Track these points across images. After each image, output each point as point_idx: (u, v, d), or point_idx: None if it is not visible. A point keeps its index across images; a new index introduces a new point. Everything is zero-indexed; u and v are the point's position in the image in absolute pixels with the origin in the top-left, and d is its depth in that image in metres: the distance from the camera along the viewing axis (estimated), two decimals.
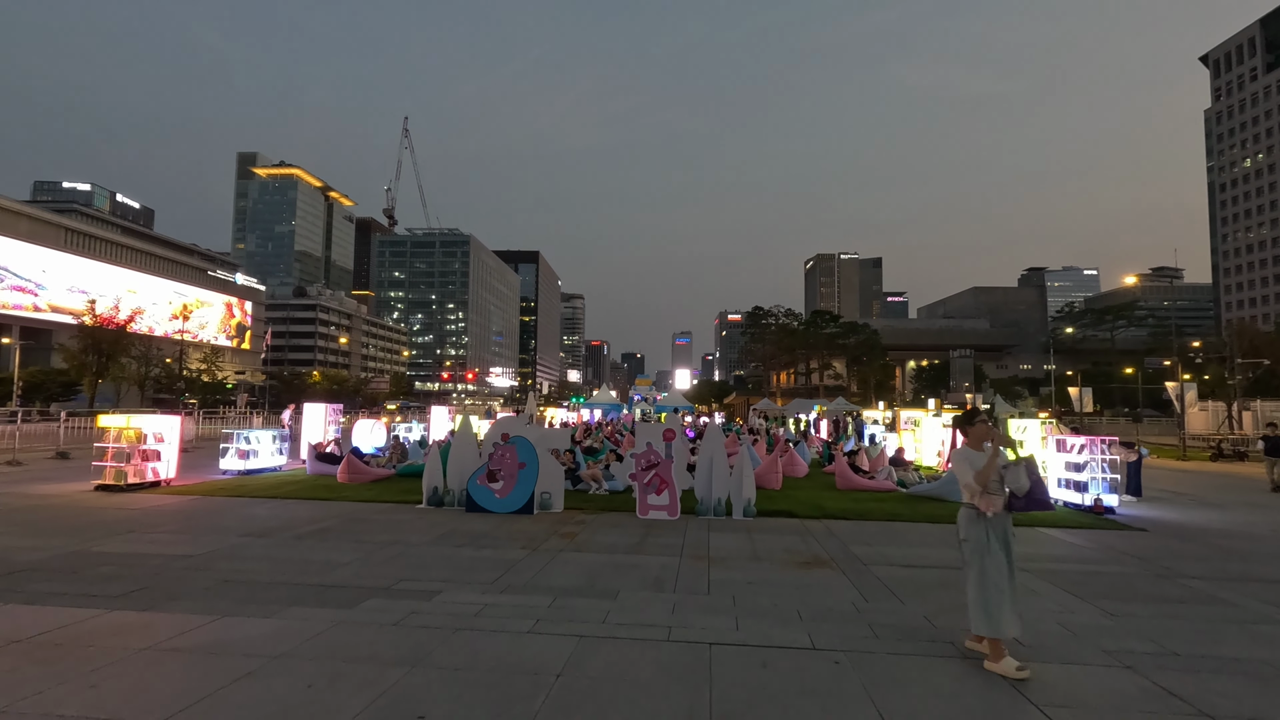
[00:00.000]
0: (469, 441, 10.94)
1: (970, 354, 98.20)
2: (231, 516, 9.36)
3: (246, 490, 11.88)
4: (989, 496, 4.33)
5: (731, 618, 5.22)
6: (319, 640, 4.54)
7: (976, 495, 4.37)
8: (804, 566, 7.03)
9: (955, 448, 12.44)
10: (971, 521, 4.43)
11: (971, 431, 4.61)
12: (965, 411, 4.86)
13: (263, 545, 7.51)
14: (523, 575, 6.41)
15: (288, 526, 8.67)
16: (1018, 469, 4.33)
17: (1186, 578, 6.85)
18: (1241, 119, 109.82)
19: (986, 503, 4.34)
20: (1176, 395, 31.25)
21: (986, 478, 4.31)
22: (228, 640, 4.50)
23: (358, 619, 5.01)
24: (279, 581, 5.99)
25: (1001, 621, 4.20)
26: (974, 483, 4.34)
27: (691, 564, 7.03)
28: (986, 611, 4.25)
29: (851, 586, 6.25)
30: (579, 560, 7.09)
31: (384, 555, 7.13)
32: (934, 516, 10.34)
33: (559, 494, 10.50)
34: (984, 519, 4.36)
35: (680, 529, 9.04)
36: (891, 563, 7.25)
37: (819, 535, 8.78)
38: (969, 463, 4.42)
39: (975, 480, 4.34)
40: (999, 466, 4.32)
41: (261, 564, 6.63)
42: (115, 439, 11.83)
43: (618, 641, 4.64)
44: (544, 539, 8.15)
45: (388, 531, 8.49)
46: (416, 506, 10.49)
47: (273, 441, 15.43)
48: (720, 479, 10.28)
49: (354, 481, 13.11)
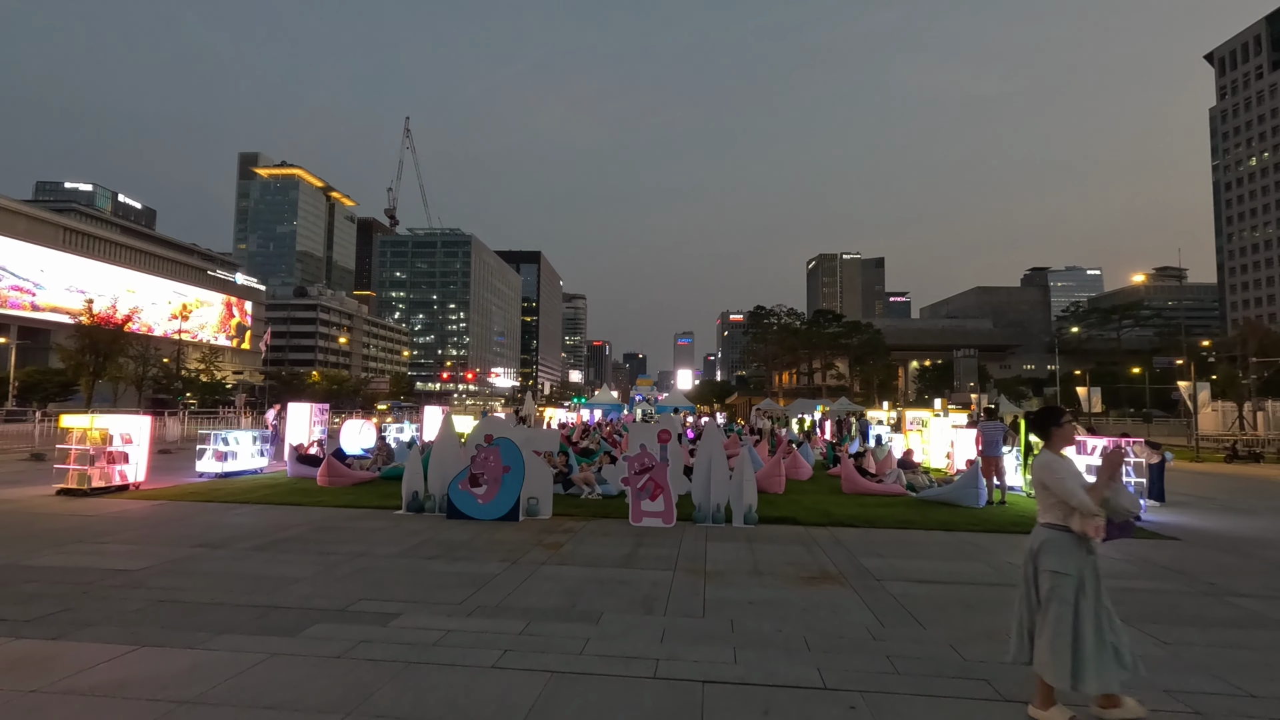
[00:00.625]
0: (451, 443, 10.27)
1: (974, 354, 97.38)
2: (193, 524, 8.71)
3: (218, 495, 11.23)
4: (1091, 520, 3.41)
5: (729, 647, 4.54)
6: (243, 679, 3.87)
7: (1078, 517, 3.45)
8: (810, 582, 6.35)
9: (980, 448, 11.91)
10: (1068, 550, 3.47)
11: (1057, 434, 3.68)
12: (1046, 409, 3.83)
13: (215, 558, 6.84)
14: (496, 594, 5.73)
15: (249, 535, 8.01)
16: (1120, 485, 3.48)
17: (1236, 596, 6.15)
18: (1247, 117, 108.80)
19: (1092, 526, 3.41)
20: (1189, 395, 30.48)
21: (1102, 495, 3.38)
22: (134, 679, 3.83)
23: (296, 649, 4.34)
24: (219, 602, 5.32)
25: (1087, 675, 3.33)
26: (1089, 501, 3.37)
27: (686, 580, 6.35)
28: (1077, 662, 3.34)
29: (864, 607, 5.56)
30: (561, 575, 6.41)
31: (346, 569, 6.46)
32: (948, 524, 9.66)
33: (547, 499, 9.83)
34: (1083, 547, 3.47)
35: (675, 538, 8.37)
36: (906, 577, 6.57)
37: (825, 545, 8.10)
38: (1067, 473, 3.51)
39: (1091, 498, 3.37)
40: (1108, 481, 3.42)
41: (206, 581, 5.96)
42: (79, 440, 11.18)
43: (594, 680, 3.96)
44: (526, 550, 7.48)
45: (357, 541, 7.82)
46: (395, 513, 9.83)
47: (253, 442, 14.79)
48: (720, 483, 9.59)
49: (334, 485, 12.46)
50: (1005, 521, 9.90)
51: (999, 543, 8.46)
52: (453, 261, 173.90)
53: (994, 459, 11.91)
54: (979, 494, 11.36)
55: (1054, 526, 3.55)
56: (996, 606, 5.63)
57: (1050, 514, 3.57)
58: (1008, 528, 9.43)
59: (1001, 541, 8.54)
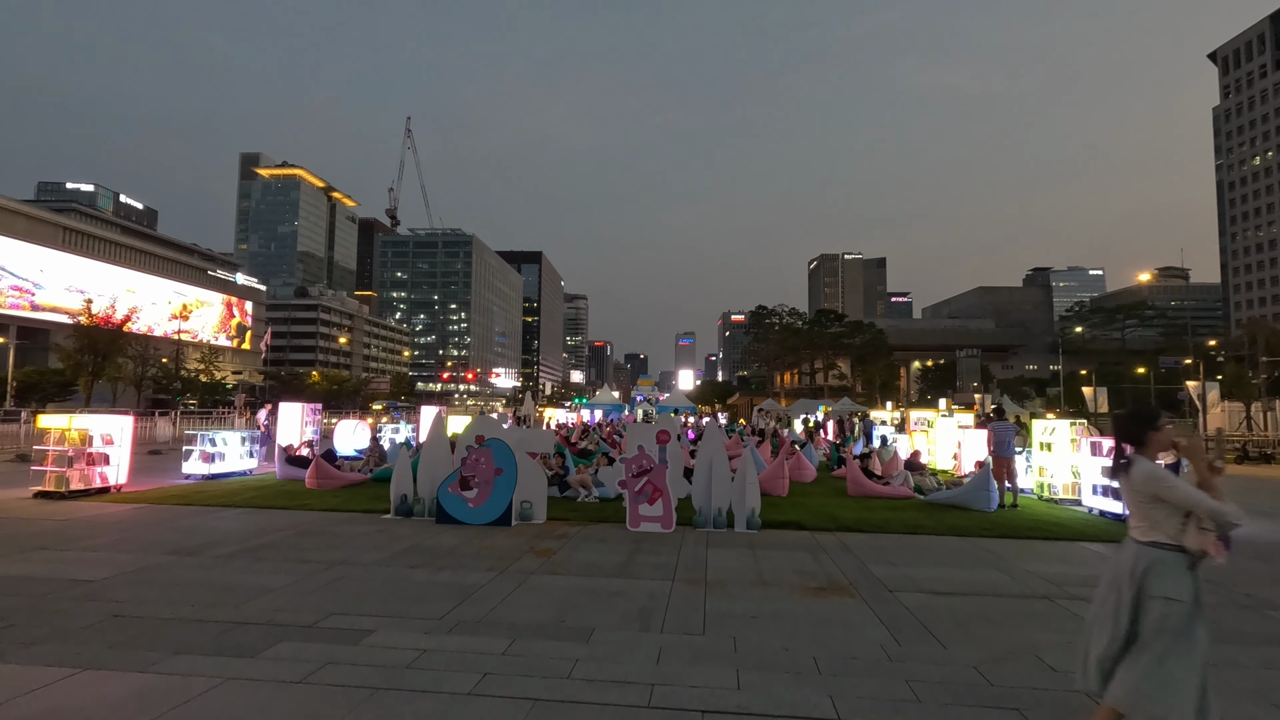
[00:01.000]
0: (441, 444, 9.87)
1: (977, 354, 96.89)
2: (169, 529, 8.31)
3: (201, 498, 10.83)
4: (1205, 534, 2.90)
5: (731, 669, 4.13)
6: (190, 707, 3.47)
7: (1193, 533, 2.95)
8: (818, 593, 5.93)
9: (991, 449, 11.47)
10: (1182, 573, 2.96)
11: (1155, 440, 3.15)
12: (1140, 408, 3.35)
13: (185, 566, 6.45)
14: (481, 607, 5.33)
15: (226, 541, 7.61)
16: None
17: (1276, 609, 5.74)
18: (1251, 116, 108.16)
19: (1212, 544, 2.88)
20: (1198, 395, 30.05)
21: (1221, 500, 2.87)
22: (65, 709, 3.43)
23: (254, 673, 3.93)
24: (180, 617, 4.92)
25: (1211, 715, 2.83)
26: (1232, 509, 2.83)
27: (685, 591, 5.94)
28: (1203, 701, 2.82)
29: (877, 621, 5.15)
30: (552, 586, 6.01)
31: (323, 579, 6.06)
32: (959, 528, 9.24)
33: (541, 503, 9.42)
34: (1193, 569, 2.97)
35: (675, 544, 7.96)
36: (920, 588, 6.15)
37: (833, 551, 7.69)
38: (1180, 480, 3.01)
39: (1214, 511, 2.85)
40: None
41: (170, 592, 5.56)
42: (57, 441, 10.79)
43: (581, 709, 3.56)
44: (516, 557, 7.07)
45: (339, 547, 7.42)
46: (383, 517, 9.42)
47: (242, 443, 14.40)
48: (721, 486, 9.18)
49: (323, 487, 12.06)
50: (1020, 526, 9.47)
51: (1016, 549, 8.04)
52: (454, 261, 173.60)
53: (1006, 460, 11.49)
54: (990, 497, 10.93)
55: (1164, 546, 3.00)
56: (1021, 621, 5.23)
57: (1158, 531, 3.03)
58: (1023, 533, 9.01)
59: (1018, 548, 8.12)
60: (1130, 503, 3.16)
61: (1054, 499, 12.25)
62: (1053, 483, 12.51)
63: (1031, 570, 6.93)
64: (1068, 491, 12.12)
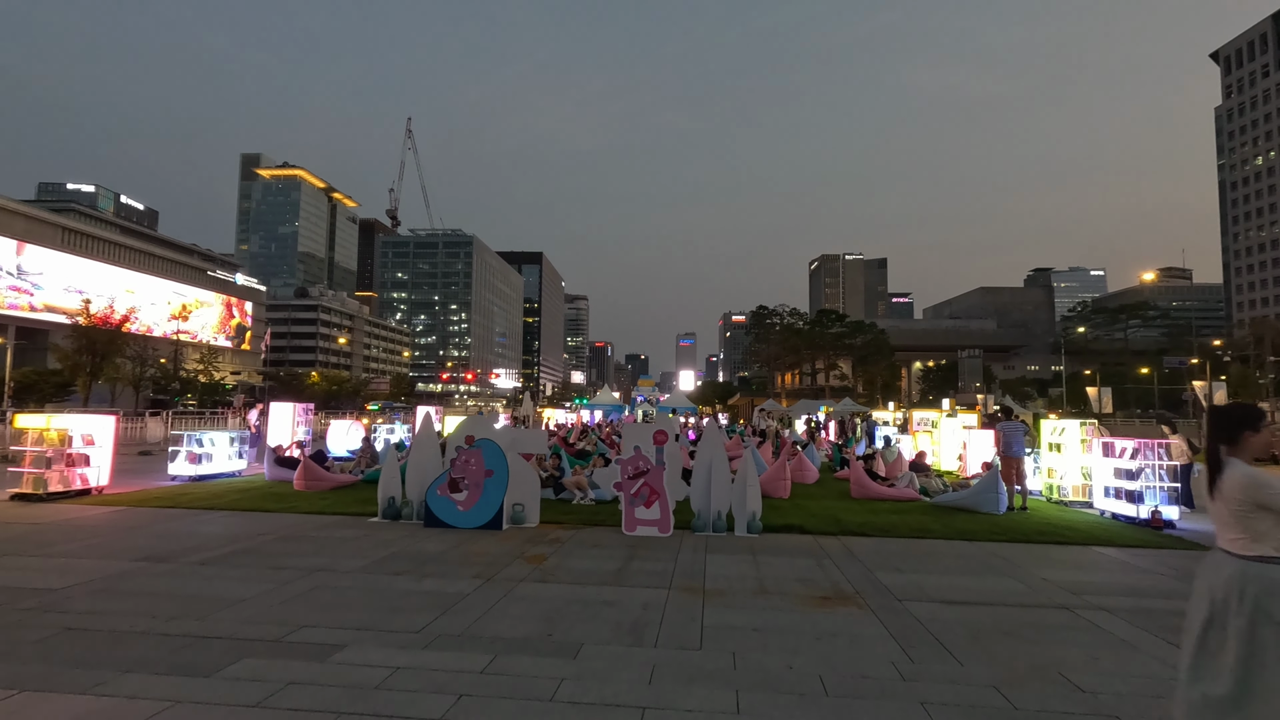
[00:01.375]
0: (430, 445, 9.54)
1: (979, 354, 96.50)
2: (146, 533, 7.97)
3: (185, 500, 10.50)
4: None
5: (730, 690, 3.79)
6: None
7: None
8: (823, 603, 5.59)
9: (1000, 450, 11.07)
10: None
11: (1252, 441, 2.85)
12: (1238, 407, 3.01)
13: (154, 574, 6.10)
14: (463, 619, 4.99)
15: (203, 546, 7.27)
16: None
17: None
18: (1253, 116, 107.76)
19: None
20: (1204, 394, 29.70)
21: None
22: None
23: (207, 694, 3.59)
24: (138, 631, 4.58)
25: None
26: None
27: (682, 600, 5.59)
28: None
29: (887, 635, 4.80)
30: (541, 595, 5.66)
31: (299, 588, 5.72)
32: (968, 533, 8.89)
33: (534, 505, 9.08)
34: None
35: (672, 549, 7.61)
36: (930, 597, 5.81)
37: (837, 557, 7.34)
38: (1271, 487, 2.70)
39: None
40: None
41: (133, 602, 5.22)
42: (35, 441, 10.45)
43: None
44: (505, 563, 6.73)
45: (321, 553, 7.08)
46: (370, 520, 9.08)
47: (230, 444, 14.06)
48: (721, 488, 8.83)
49: (311, 489, 11.72)
50: (1031, 530, 9.12)
51: (1028, 554, 7.69)
52: (454, 262, 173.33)
53: (1015, 461, 11.13)
54: (999, 499, 10.58)
55: (1268, 562, 2.65)
56: (1040, 634, 4.88)
57: (1264, 543, 2.70)
58: (1034, 537, 8.66)
59: (1030, 553, 7.77)
60: (1222, 511, 2.79)
61: (1064, 501, 11.90)
62: (1062, 484, 12.15)
63: (1047, 578, 6.58)
64: (1078, 493, 11.77)
